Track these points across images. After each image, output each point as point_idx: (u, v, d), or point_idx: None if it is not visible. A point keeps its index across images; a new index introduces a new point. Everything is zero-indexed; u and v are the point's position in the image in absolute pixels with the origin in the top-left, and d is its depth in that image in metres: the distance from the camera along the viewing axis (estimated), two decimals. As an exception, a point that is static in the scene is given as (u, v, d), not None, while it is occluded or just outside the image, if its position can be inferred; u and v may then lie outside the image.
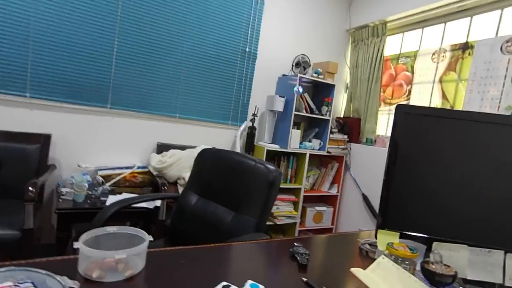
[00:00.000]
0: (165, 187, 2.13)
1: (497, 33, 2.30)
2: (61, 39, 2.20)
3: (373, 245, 1.00)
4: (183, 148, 2.59)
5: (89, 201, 1.98)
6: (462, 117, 0.87)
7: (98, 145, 2.44)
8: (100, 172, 2.26)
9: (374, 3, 3.11)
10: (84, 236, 0.71)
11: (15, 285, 0.52)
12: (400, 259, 0.79)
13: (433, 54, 2.72)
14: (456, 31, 2.57)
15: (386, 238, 0.86)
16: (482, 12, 2.39)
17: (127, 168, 2.40)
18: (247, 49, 2.89)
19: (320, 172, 3.24)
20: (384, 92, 3.13)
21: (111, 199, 2.03)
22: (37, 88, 2.17)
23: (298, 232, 2.98)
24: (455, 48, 2.57)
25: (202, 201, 1.57)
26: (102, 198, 2.05)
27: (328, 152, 3.07)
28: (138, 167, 2.44)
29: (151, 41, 2.50)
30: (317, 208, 3.11)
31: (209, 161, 1.61)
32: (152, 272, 0.71)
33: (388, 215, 0.89)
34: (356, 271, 0.75)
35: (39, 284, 0.55)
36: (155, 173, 2.40)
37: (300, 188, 2.93)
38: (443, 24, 2.67)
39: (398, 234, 0.87)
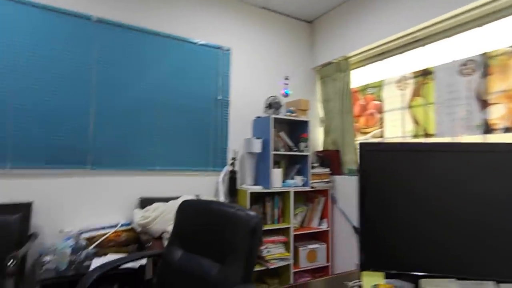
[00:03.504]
0: (149, 244, 2.09)
1: (453, 58, 2.42)
2: (37, 104, 2.24)
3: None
4: (166, 200, 2.57)
5: (73, 268, 1.91)
6: (421, 148, 0.87)
7: (81, 207, 2.40)
8: (83, 235, 2.20)
9: (334, 42, 3.34)
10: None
11: None
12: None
13: (398, 82, 2.87)
14: (416, 59, 2.73)
15: (371, 280, 0.85)
16: (435, 40, 2.57)
17: (111, 227, 2.35)
18: (219, 97, 3.02)
19: (307, 209, 3.24)
20: (357, 122, 3.27)
21: (96, 263, 1.96)
22: (18, 158, 2.17)
23: (293, 274, 2.90)
24: (417, 75, 2.71)
25: (187, 255, 1.54)
26: (86, 263, 1.98)
27: (312, 187, 3.10)
28: (122, 225, 2.39)
29: (127, 99, 2.58)
30: (310, 246, 3.04)
31: (189, 213, 1.61)
32: None
33: (370, 255, 0.87)
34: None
35: None
36: (139, 229, 2.35)
37: (289, 228, 2.90)
38: (402, 54, 2.85)
39: (383, 274, 0.86)
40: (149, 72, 2.69)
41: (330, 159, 3.28)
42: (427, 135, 2.59)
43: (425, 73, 2.64)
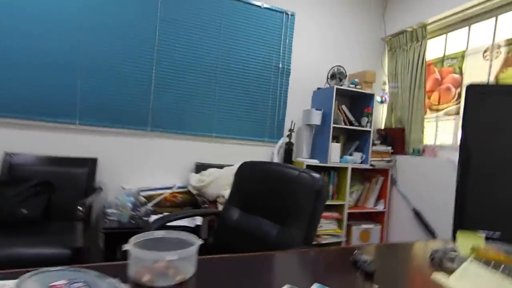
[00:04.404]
0: (206, 205, 2.10)
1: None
2: (106, 68, 2.34)
3: (449, 254, 0.86)
4: (220, 167, 2.57)
5: (133, 221, 2.00)
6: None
7: (140, 166, 2.50)
8: (142, 193, 2.29)
9: (411, 6, 3.00)
10: (133, 239, 0.68)
11: (69, 284, 0.50)
12: (492, 264, 0.65)
13: (485, 51, 2.49)
14: (510, 24, 2.34)
15: (469, 241, 0.73)
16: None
17: (167, 188, 2.41)
18: (280, 65, 2.89)
19: (364, 187, 3.05)
20: (429, 98, 2.94)
21: (154, 219, 2.03)
22: (86, 115, 2.30)
23: (345, 252, 2.77)
24: (510, 42, 2.33)
25: (245, 215, 1.51)
26: (145, 218, 2.06)
27: (371, 165, 2.89)
28: (178, 187, 2.45)
29: (187, 63, 2.58)
30: (364, 226, 2.89)
31: (249, 173, 1.56)
32: (204, 278, 0.65)
33: (467, 215, 0.76)
34: (440, 278, 0.63)
35: (92, 284, 0.51)
36: (194, 192, 2.39)
37: (343, 205, 2.76)
38: (493, 19, 2.45)
39: (483, 235, 0.73)
40: (210, 35, 2.65)
41: (393, 137, 3.02)
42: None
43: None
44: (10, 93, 2.11)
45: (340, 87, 2.75)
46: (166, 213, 2.16)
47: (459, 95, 2.69)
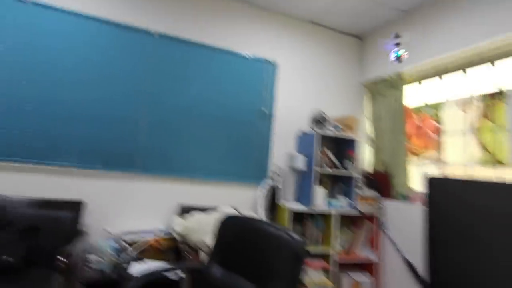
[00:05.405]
0: (189, 256, 2.07)
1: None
2: (96, 112, 2.44)
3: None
4: (205, 209, 2.57)
5: (115, 270, 1.96)
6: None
7: (125, 209, 2.51)
8: (125, 237, 2.26)
9: (385, 57, 3.13)
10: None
11: None
12: None
13: (462, 103, 2.59)
14: (483, 78, 2.45)
15: None
16: (506, 57, 2.29)
17: (150, 232, 2.38)
18: (263, 110, 2.99)
19: (352, 234, 3.01)
20: (410, 143, 2.99)
21: (135, 267, 1.99)
22: (80, 158, 2.38)
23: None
24: (484, 97, 2.43)
25: (227, 275, 1.50)
26: (125, 265, 2.01)
27: (358, 211, 2.88)
28: (162, 232, 2.41)
29: (174, 108, 2.68)
30: (355, 277, 2.78)
31: (231, 230, 1.57)
32: None
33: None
34: None
35: None
36: (179, 239, 2.36)
37: (331, 253, 2.69)
38: (466, 72, 2.58)
39: None
40: (196, 82, 2.77)
41: (379, 182, 3.03)
42: (498, 163, 2.27)
43: (495, 95, 2.36)
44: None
45: (322, 132, 2.83)
46: (147, 262, 2.12)
47: (440, 142, 2.75)
